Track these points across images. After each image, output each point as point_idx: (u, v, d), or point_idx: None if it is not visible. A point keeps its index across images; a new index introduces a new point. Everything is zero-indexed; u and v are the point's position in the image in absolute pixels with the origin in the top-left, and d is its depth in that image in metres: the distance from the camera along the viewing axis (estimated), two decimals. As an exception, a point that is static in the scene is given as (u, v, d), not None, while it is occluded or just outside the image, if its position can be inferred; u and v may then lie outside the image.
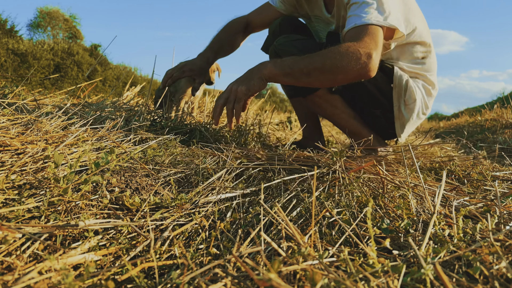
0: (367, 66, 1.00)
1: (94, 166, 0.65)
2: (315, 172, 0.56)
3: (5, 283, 0.37)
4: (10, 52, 9.33)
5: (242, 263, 0.37)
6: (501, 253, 0.43)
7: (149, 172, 0.79)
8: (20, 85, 1.14)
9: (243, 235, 0.59)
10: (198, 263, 0.50)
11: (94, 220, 0.52)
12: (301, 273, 0.41)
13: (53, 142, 0.82)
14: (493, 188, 0.89)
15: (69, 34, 15.56)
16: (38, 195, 0.61)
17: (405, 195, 0.73)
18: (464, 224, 0.58)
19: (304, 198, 0.70)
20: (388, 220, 0.60)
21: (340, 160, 0.78)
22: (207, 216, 0.65)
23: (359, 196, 0.68)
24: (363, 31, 1.04)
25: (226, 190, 0.75)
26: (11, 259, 0.43)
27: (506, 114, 3.65)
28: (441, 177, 1.02)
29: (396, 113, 1.27)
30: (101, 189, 0.65)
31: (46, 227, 0.48)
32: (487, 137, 2.74)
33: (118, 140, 0.98)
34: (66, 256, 0.45)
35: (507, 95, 5.81)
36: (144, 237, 0.54)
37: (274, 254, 0.51)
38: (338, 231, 0.58)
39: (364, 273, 0.39)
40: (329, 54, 1.03)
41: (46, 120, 0.93)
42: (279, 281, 0.33)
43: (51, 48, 10.69)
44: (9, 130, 0.80)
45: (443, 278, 0.34)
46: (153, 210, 0.64)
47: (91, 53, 12.29)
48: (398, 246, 0.53)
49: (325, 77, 1.05)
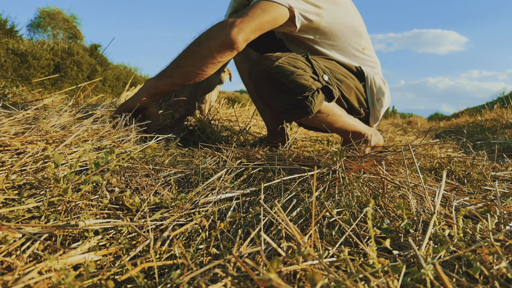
0: (229, 29, 0.98)
1: (94, 166, 0.65)
2: (315, 172, 0.56)
3: (5, 283, 0.37)
4: (10, 52, 9.33)
5: (242, 263, 0.37)
6: (501, 253, 0.43)
7: (149, 172, 0.79)
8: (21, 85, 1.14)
9: (243, 235, 0.59)
10: (198, 263, 0.50)
11: (94, 220, 0.52)
12: (301, 273, 0.41)
13: (53, 142, 0.82)
14: (493, 188, 0.89)
15: (69, 34, 15.56)
16: (38, 195, 0.61)
17: (405, 195, 0.73)
18: (464, 224, 0.58)
19: (304, 198, 0.70)
20: (388, 220, 0.60)
21: (340, 160, 0.78)
22: (207, 216, 0.65)
23: (359, 196, 0.68)
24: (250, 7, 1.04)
25: (226, 190, 0.75)
26: (11, 259, 0.43)
27: (506, 114, 3.65)
28: (441, 177, 1.02)
29: (371, 107, 1.35)
30: (101, 189, 0.65)
31: (46, 227, 0.48)
32: (487, 137, 2.73)
33: (119, 140, 0.98)
34: (66, 256, 0.45)
35: (507, 95, 5.82)
36: (144, 237, 0.54)
37: (274, 254, 0.51)
38: (338, 231, 0.58)
39: (364, 273, 0.39)
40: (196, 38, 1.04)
41: (46, 120, 0.93)
42: (279, 281, 0.33)
43: (51, 48, 10.69)
44: (9, 130, 0.80)
45: (443, 278, 0.34)
46: (153, 210, 0.64)
47: (91, 53, 12.29)
48: (398, 246, 0.53)
49: (192, 57, 1.01)
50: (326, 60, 1.25)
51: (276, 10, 1.06)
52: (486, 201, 0.74)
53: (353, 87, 1.28)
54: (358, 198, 0.68)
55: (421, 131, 3.90)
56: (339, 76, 1.23)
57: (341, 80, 1.24)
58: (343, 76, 1.25)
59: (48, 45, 10.80)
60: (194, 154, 1.06)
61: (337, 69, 1.25)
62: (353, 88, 1.28)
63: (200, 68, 1.03)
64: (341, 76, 1.24)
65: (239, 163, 0.90)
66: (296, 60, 1.12)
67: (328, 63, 1.25)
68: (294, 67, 1.08)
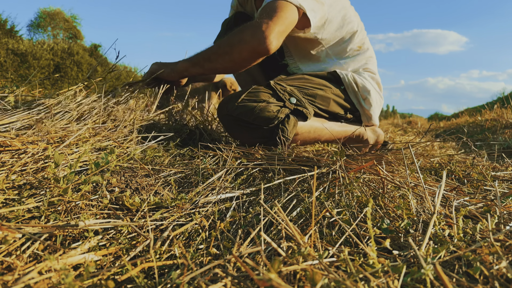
0: (262, 36, 0.98)
1: (94, 166, 0.65)
2: (315, 172, 0.56)
3: (5, 283, 0.37)
4: (10, 52, 9.33)
5: (242, 263, 0.37)
6: (501, 253, 0.43)
7: (149, 172, 0.79)
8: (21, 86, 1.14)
9: (243, 235, 0.59)
10: (198, 263, 0.50)
11: (94, 220, 0.52)
12: (301, 273, 0.41)
13: (54, 142, 0.82)
14: (493, 188, 0.89)
15: (69, 34, 15.56)
16: (38, 195, 0.61)
17: (405, 195, 0.73)
18: (464, 224, 0.58)
19: (304, 198, 0.70)
20: (388, 220, 0.60)
21: (340, 160, 0.78)
22: (207, 216, 0.65)
23: (359, 196, 0.68)
24: (269, 6, 1.04)
25: (226, 190, 0.75)
26: (11, 259, 0.43)
27: (506, 114, 3.65)
28: (441, 177, 1.02)
29: (360, 109, 1.32)
30: (101, 189, 0.65)
31: (46, 227, 0.48)
32: (487, 137, 2.74)
33: (119, 140, 0.98)
34: (66, 256, 0.45)
35: (507, 95, 5.81)
36: (144, 237, 0.54)
37: (274, 254, 0.51)
38: (338, 231, 0.58)
39: (364, 273, 0.39)
40: (228, 35, 1.06)
41: (47, 120, 0.93)
42: (279, 281, 0.33)
43: (51, 48, 10.69)
44: (10, 130, 0.81)
45: (443, 278, 0.34)
46: (153, 210, 0.64)
47: (91, 53, 12.29)
48: (398, 246, 0.53)
49: (222, 58, 1.06)
50: (294, 79, 1.21)
51: (294, 13, 1.06)
52: (486, 201, 0.74)
53: (330, 96, 1.23)
54: (358, 198, 0.68)
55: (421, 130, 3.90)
56: (311, 91, 1.19)
57: (313, 94, 1.19)
58: (316, 89, 1.21)
59: (48, 45, 10.80)
60: (194, 154, 1.06)
61: (308, 84, 1.20)
62: (330, 97, 1.23)
63: (229, 68, 1.10)
64: (313, 90, 1.20)
65: (239, 163, 0.90)
66: (258, 93, 1.07)
67: (297, 81, 1.20)
68: (256, 101, 1.05)
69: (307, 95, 1.18)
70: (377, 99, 1.33)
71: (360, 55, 1.35)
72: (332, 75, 1.28)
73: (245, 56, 1.04)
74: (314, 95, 1.19)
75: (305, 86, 1.19)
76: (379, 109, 1.40)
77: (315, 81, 1.23)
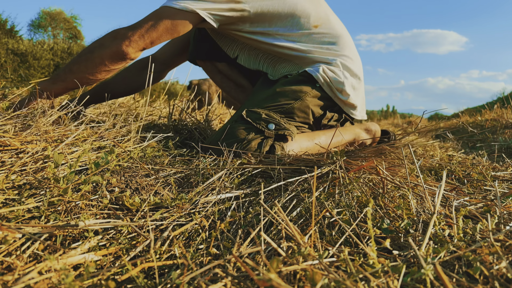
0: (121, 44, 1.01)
1: (94, 166, 0.65)
2: (315, 173, 0.57)
3: (5, 283, 0.37)
4: (10, 52, 9.33)
5: (242, 263, 0.37)
6: (501, 253, 0.43)
7: (149, 172, 0.79)
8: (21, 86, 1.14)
9: (243, 235, 0.59)
10: (198, 263, 0.50)
11: (94, 220, 0.52)
12: (301, 273, 0.41)
13: (53, 142, 0.82)
14: (493, 188, 0.89)
15: (69, 35, 15.56)
16: (38, 195, 0.61)
17: (405, 195, 0.73)
18: (464, 224, 0.58)
19: (304, 198, 0.70)
20: (388, 220, 0.60)
21: (340, 160, 0.78)
22: (207, 216, 0.65)
23: (359, 196, 0.68)
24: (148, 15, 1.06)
25: (226, 190, 0.75)
26: (11, 259, 0.43)
27: (506, 114, 3.65)
28: (441, 177, 1.02)
29: (339, 102, 1.24)
30: (101, 189, 0.65)
31: (46, 227, 0.48)
32: (487, 137, 2.74)
33: (118, 139, 0.98)
34: (66, 256, 0.45)
35: (507, 95, 5.81)
36: (144, 237, 0.54)
37: (274, 254, 0.51)
38: (338, 231, 0.58)
39: (364, 273, 0.39)
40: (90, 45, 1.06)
41: (45, 120, 0.93)
42: (279, 281, 0.33)
43: (51, 48, 10.69)
44: (9, 129, 0.81)
45: (443, 278, 0.34)
46: (153, 210, 0.64)
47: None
48: (398, 246, 0.53)
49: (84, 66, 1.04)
50: (267, 97, 1.15)
51: (176, 16, 1.05)
52: (486, 201, 0.74)
53: (308, 103, 1.17)
54: (358, 198, 0.68)
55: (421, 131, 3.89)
56: (287, 107, 1.14)
57: (290, 110, 1.14)
58: (292, 101, 1.15)
59: (48, 45, 10.80)
60: (194, 154, 1.06)
61: (282, 98, 1.15)
62: (308, 105, 1.17)
63: (92, 74, 1.07)
64: (289, 104, 1.14)
65: (240, 163, 0.90)
66: (235, 132, 1.06)
67: (270, 99, 1.14)
68: (236, 141, 1.03)
69: (285, 112, 1.14)
70: (351, 89, 1.23)
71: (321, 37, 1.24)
72: (304, 75, 1.20)
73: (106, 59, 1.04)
74: (291, 111, 1.15)
75: (280, 102, 1.14)
76: (362, 96, 1.30)
77: (288, 91, 1.16)
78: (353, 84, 1.25)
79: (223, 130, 1.09)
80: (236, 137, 1.06)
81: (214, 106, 2.32)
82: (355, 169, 0.77)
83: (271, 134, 1.07)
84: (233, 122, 1.10)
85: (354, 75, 1.26)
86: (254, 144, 1.04)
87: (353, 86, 1.25)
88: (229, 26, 1.20)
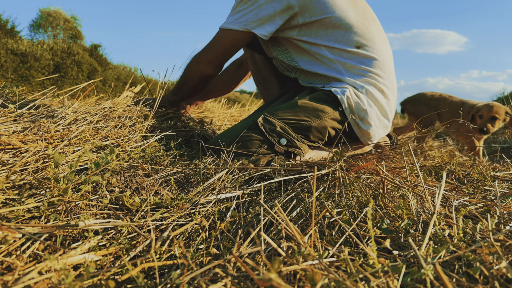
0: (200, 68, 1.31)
1: (94, 166, 0.65)
2: (315, 173, 0.57)
3: (5, 283, 0.37)
4: (10, 52, 9.33)
5: (242, 263, 0.37)
6: (501, 253, 0.43)
7: (149, 172, 0.79)
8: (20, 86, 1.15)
9: (243, 235, 0.59)
10: (198, 263, 0.50)
11: (94, 220, 0.52)
12: (301, 273, 0.41)
13: (54, 141, 0.82)
14: (493, 188, 0.89)
15: (69, 35, 15.56)
16: (38, 195, 0.61)
17: (405, 195, 0.73)
18: (464, 224, 0.58)
19: (304, 198, 0.70)
20: (388, 220, 0.60)
21: (340, 160, 0.78)
22: (207, 216, 0.65)
23: (359, 196, 0.68)
24: (213, 38, 1.29)
25: (226, 190, 0.75)
26: (11, 259, 0.43)
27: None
28: (441, 177, 1.02)
29: (357, 130, 1.22)
30: (101, 189, 0.65)
31: (46, 227, 0.48)
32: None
33: (119, 139, 0.98)
34: (66, 256, 0.45)
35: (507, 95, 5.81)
36: (144, 237, 0.54)
37: (274, 254, 0.51)
38: (338, 231, 0.58)
39: (364, 273, 0.39)
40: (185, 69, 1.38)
41: (47, 120, 0.93)
42: (279, 281, 0.33)
43: (51, 48, 10.69)
44: (10, 129, 0.80)
45: (443, 278, 0.34)
46: (153, 210, 0.64)
47: (91, 53, 12.29)
48: (398, 246, 0.53)
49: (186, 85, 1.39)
50: (287, 108, 1.14)
51: (231, 36, 1.23)
52: (486, 201, 0.74)
53: (327, 124, 1.15)
54: (358, 198, 0.68)
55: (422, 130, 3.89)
56: (304, 124, 1.12)
57: (307, 128, 1.13)
58: (311, 118, 1.13)
59: (48, 45, 10.80)
60: (194, 154, 1.06)
61: (301, 114, 1.13)
62: (326, 126, 1.15)
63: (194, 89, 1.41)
64: (307, 122, 1.12)
65: (241, 163, 0.90)
66: (247, 142, 1.06)
67: (289, 112, 1.13)
68: (246, 151, 1.04)
69: (301, 129, 1.13)
70: (375, 119, 1.21)
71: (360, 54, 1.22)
72: (329, 95, 1.18)
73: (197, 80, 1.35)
74: (308, 129, 1.13)
75: (298, 117, 1.13)
76: (383, 126, 1.25)
77: (309, 107, 1.15)
78: (374, 118, 1.21)
79: (235, 133, 1.08)
80: (248, 148, 1.05)
81: (215, 106, 2.33)
82: (355, 169, 0.77)
83: (281, 150, 1.06)
84: (247, 128, 1.09)
85: (381, 106, 1.22)
86: (263, 161, 1.03)
87: (377, 115, 1.21)
88: (277, 34, 1.26)
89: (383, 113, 1.24)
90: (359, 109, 1.18)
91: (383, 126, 1.25)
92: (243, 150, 1.04)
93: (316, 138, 1.16)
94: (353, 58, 1.23)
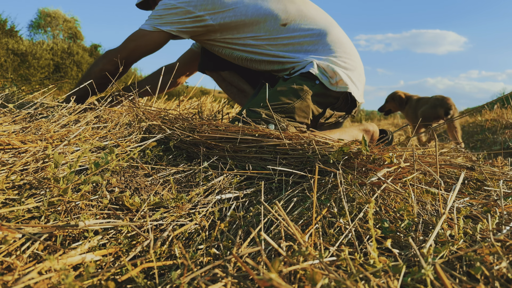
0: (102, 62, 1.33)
1: (94, 166, 0.65)
2: (316, 173, 0.56)
3: (5, 283, 0.37)
4: (10, 52, 9.33)
5: (242, 263, 0.37)
6: (502, 253, 0.43)
7: (149, 172, 0.79)
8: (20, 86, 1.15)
9: (243, 235, 0.59)
10: (198, 263, 0.49)
11: (94, 220, 0.51)
12: (301, 272, 0.41)
13: (54, 141, 0.82)
14: (494, 188, 0.89)
15: (69, 35, 15.56)
16: (38, 195, 0.61)
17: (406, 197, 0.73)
18: (465, 224, 0.58)
19: (304, 198, 0.70)
20: (389, 220, 0.59)
21: (340, 160, 0.78)
22: (207, 216, 0.65)
23: (360, 197, 0.68)
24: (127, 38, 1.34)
25: (226, 190, 0.75)
26: (11, 259, 0.43)
27: (506, 114, 3.65)
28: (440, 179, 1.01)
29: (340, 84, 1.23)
30: (101, 189, 0.65)
31: (46, 227, 0.48)
32: (487, 137, 2.74)
33: (119, 139, 0.98)
34: (66, 256, 0.45)
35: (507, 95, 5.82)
36: (144, 237, 0.54)
37: (275, 254, 0.51)
38: (338, 231, 0.58)
39: (365, 272, 0.39)
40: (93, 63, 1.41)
41: (46, 120, 0.93)
42: (280, 281, 0.33)
43: (51, 48, 10.69)
44: (10, 129, 0.80)
45: (443, 278, 0.34)
46: (153, 210, 0.64)
47: (91, 53, 12.29)
48: (399, 246, 0.53)
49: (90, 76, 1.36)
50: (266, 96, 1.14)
51: (145, 37, 1.29)
52: (487, 202, 0.74)
53: (309, 102, 1.18)
54: (359, 198, 0.68)
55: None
56: (288, 107, 1.15)
57: (291, 109, 1.15)
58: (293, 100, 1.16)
59: (47, 45, 10.80)
60: (194, 154, 1.06)
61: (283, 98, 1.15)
62: (309, 104, 1.18)
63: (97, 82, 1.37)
64: (290, 104, 1.16)
65: (238, 170, 0.90)
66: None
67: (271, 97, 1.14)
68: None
69: (285, 112, 1.15)
70: (346, 76, 1.23)
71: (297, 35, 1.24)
72: (302, 75, 1.20)
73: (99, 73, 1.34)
74: (292, 110, 1.16)
75: (281, 101, 1.15)
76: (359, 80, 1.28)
77: (288, 90, 1.18)
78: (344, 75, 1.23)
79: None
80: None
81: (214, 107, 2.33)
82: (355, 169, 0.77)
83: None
84: (234, 122, 1.10)
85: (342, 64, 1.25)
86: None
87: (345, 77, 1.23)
88: (202, 37, 1.32)
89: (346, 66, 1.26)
90: (331, 74, 1.21)
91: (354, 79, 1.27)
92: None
93: (301, 118, 1.19)
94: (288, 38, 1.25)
